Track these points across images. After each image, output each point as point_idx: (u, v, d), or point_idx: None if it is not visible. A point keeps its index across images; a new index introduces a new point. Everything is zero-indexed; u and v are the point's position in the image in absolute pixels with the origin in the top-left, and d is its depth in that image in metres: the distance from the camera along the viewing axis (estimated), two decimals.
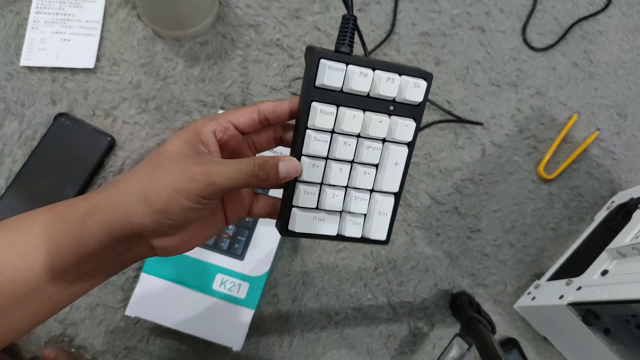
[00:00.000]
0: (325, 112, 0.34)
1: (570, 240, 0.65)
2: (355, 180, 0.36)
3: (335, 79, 0.34)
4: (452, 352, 0.55)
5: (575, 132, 0.68)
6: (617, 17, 0.72)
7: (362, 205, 0.36)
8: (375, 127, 0.35)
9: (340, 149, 0.35)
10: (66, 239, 0.31)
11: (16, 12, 0.63)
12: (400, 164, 0.36)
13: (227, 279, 0.54)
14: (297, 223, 0.35)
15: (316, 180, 0.35)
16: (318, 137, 0.34)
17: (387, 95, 0.35)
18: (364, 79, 0.34)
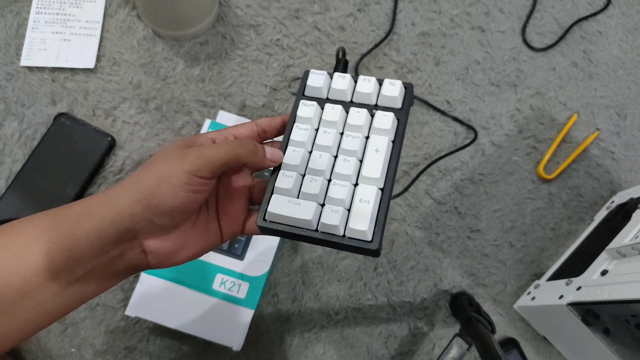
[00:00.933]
0: (307, 105, 0.38)
1: (570, 240, 0.65)
2: (337, 167, 0.36)
3: (318, 81, 0.38)
4: (452, 352, 0.55)
5: (575, 132, 0.68)
6: (617, 17, 0.72)
7: (342, 191, 0.35)
8: (354, 117, 0.37)
9: (320, 137, 0.37)
10: (59, 241, 0.31)
11: (16, 12, 0.63)
12: (381, 150, 0.36)
13: (227, 279, 0.54)
14: (272, 204, 0.35)
15: (295, 163, 0.36)
16: (300, 126, 0.38)
17: (365, 92, 0.38)
18: (342, 80, 0.38)
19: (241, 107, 0.64)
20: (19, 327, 0.31)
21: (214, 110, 0.63)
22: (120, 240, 0.32)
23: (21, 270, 0.31)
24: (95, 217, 0.31)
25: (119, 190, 0.32)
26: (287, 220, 0.35)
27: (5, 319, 0.31)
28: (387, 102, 0.38)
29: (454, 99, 0.67)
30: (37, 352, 0.56)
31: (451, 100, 0.67)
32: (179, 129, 0.62)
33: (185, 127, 0.62)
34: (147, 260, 0.34)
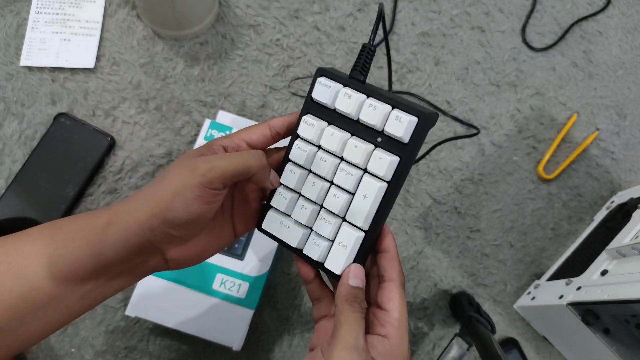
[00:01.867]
0: (308, 123, 0.35)
1: (570, 240, 0.65)
2: (327, 201, 0.35)
3: (324, 95, 0.35)
4: (452, 352, 0.55)
5: (574, 132, 0.68)
6: (617, 17, 0.72)
7: (326, 229, 0.35)
8: (350, 151, 0.34)
9: (316, 164, 0.36)
10: (88, 249, 0.32)
11: (16, 12, 0.63)
12: (369, 197, 0.34)
13: (227, 279, 0.54)
14: (266, 221, 0.37)
15: (290, 185, 0.36)
16: (299, 145, 0.36)
17: (369, 121, 0.34)
18: (347, 100, 0.34)
19: (241, 107, 0.63)
20: (45, 328, 0.33)
21: (213, 110, 0.63)
22: (144, 250, 0.33)
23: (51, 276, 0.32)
24: (121, 227, 0.32)
25: (138, 201, 0.33)
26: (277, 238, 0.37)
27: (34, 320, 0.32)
28: (393, 135, 0.33)
29: (453, 99, 0.67)
30: (37, 352, 0.56)
31: (451, 100, 0.67)
32: (178, 128, 0.62)
33: (185, 127, 0.62)
34: (167, 265, 0.36)
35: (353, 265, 0.35)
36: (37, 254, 0.32)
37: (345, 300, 0.33)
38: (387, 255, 0.36)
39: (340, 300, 0.34)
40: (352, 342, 0.32)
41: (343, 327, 0.32)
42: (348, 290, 0.34)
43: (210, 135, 0.57)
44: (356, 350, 0.31)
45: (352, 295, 0.34)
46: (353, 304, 0.33)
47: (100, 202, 0.59)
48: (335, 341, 0.32)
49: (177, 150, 0.61)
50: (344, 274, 0.35)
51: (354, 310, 0.33)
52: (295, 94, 0.65)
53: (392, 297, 0.34)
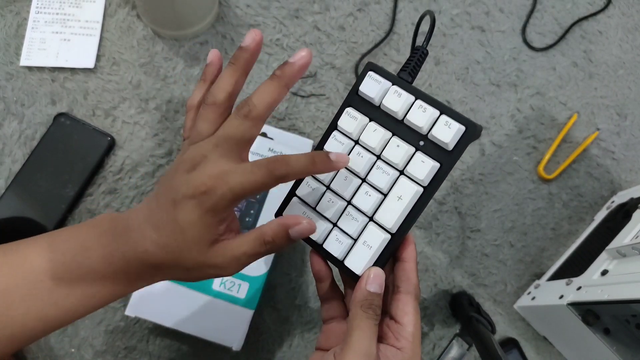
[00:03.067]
0: (351, 115, 0.35)
1: (570, 240, 0.65)
2: (356, 197, 0.35)
3: (372, 90, 0.34)
4: (452, 352, 0.55)
5: (575, 132, 0.68)
6: (617, 17, 0.72)
7: (352, 226, 0.34)
8: (391, 150, 0.34)
9: (353, 158, 0.34)
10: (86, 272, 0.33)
11: (16, 12, 0.63)
12: (404, 199, 0.33)
13: (227, 279, 0.54)
14: (288, 208, 0.36)
15: (321, 176, 0.35)
16: (337, 137, 0.35)
17: (416, 123, 0.33)
18: (397, 99, 0.33)
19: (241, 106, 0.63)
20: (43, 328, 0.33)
21: None
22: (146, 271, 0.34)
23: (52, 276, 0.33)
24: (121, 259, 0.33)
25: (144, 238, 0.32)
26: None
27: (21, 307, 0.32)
28: (438, 141, 0.33)
29: (454, 99, 0.67)
30: (37, 352, 0.56)
31: (451, 100, 0.67)
32: (178, 128, 0.62)
33: None
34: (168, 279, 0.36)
35: (374, 269, 0.34)
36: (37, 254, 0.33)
37: (360, 306, 0.33)
38: (405, 266, 0.35)
39: (355, 305, 0.33)
40: (364, 349, 0.31)
41: (356, 333, 0.32)
42: (364, 296, 0.33)
43: None
44: (368, 357, 0.31)
45: (368, 301, 0.33)
46: (368, 310, 0.32)
47: (100, 202, 0.59)
48: (347, 347, 0.31)
49: (177, 150, 0.61)
50: (363, 277, 0.34)
51: (369, 317, 0.32)
52: (295, 94, 0.64)
53: (407, 311, 0.34)
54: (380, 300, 0.33)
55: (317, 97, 0.65)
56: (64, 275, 0.32)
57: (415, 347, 0.33)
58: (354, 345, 0.31)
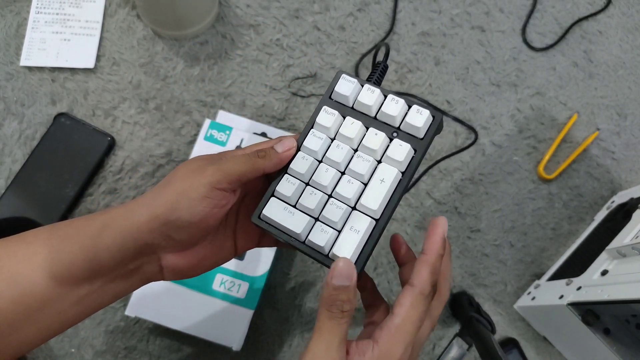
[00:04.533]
0: (328, 112, 0.37)
1: (570, 240, 0.65)
2: (339, 187, 0.35)
3: (347, 89, 0.37)
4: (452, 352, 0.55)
5: (575, 132, 0.68)
6: (617, 17, 0.72)
7: (336, 214, 0.34)
8: (370, 139, 0.36)
9: (332, 151, 0.36)
10: (81, 253, 0.32)
11: (16, 12, 0.63)
12: (386, 182, 0.34)
13: (227, 279, 0.54)
14: (268, 207, 0.35)
15: (300, 171, 0.36)
16: (316, 133, 0.36)
17: (390, 114, 0.36)
18: (370, 94, 0.36)
19: (241, 107, 0.63)
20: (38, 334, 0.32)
21: (213, 110, 0.63)
22: (140, 254, 0.33)
23: (43, 281, 0.31)
24: (117, 231, 0.32)
25: (139, 204, 0.32)
26: (278, 225, 0.35)
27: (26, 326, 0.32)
28: (410, 129, 0.35)
29: (454, 99, 0.67)
30: (37, 352, 0.56)
31: (451, 100, 0.67)
32: (178, 128, 0.62)
33: (185, 127, 0.62)
34: (162, 274, 0.35)
35: (341, 259, 0.32)
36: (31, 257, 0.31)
37: (323, 304, 0.31)
38: (421, 258, 0.33)
39: (320, 304, 0.31)
40: (320, 354, 0.29)
41: (314, 335, 0.30)
42: (328, 292, 0.31)
43: (210, 135, 0.57)
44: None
45: (332, 297, 0.31)
46: (332, 308, 0.30)
47: (100, 202, 0.59)
48: (306, 352, 0.30)
49: (177, 150, 0.61)
50: (329, 273, 0.31)
51: (331, 316, 0.30)
52: (295, 94, 0.64)
53: (403, 303, 0.31)
54: (350, 293, 0.31)
55: (317, 97, 0.65)
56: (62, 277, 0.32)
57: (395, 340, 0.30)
58: (310, 350, 0.30)
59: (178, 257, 0.34)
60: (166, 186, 0.33)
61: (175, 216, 0.31)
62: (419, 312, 0.31)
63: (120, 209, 0.33)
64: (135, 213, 0.32)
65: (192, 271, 0.36)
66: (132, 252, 0.32)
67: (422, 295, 0.32)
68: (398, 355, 0.30)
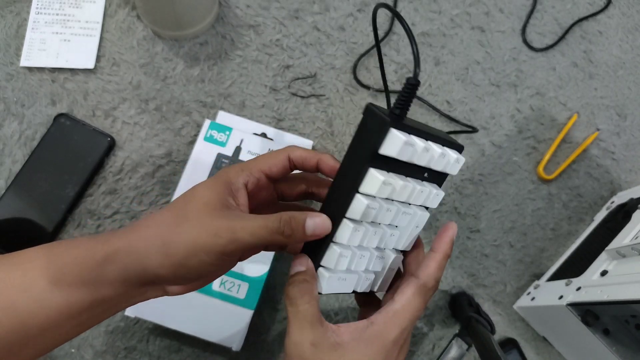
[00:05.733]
0: (387, 183, 0.32)
1: (569, 240, 0.65)
2: (383, 242, 0.35)
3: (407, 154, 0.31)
4: (451, 352, 0.55)
5: (575, 132, 0.68)
6: (617, 17, 0.72)
7: (379, 264, 0.36)
8: (417, 197, 0.35)
9: (382, 215, 0.33)
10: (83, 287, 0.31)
11: (16, 13, 0.63)
12: (420, 226, 0.37)
13: (227, 279, 0.54)
14: (326, 286, 0.33)
15: (353, 244, 0.33)
16: (371, 204, 0.32)
17: (435, 169, 0.35)
18: (425, 154, 0.33)
19: (241, 107, 0.64)
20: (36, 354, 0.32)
21: (213, 111, 0.63)
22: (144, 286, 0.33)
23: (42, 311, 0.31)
24: (120, 266, 0.31)
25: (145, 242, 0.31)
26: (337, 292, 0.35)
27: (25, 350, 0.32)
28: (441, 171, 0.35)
29: (454, 99, 0.67)
30: None
31: (451, 100, 0.67)
32: (178, 129, 0.62)
33: (185, 127, 0.62)
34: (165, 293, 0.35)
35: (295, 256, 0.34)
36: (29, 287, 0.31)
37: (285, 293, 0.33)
38: (430, 255, 0.35)
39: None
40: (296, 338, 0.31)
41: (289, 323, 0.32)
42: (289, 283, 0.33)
43: (210, 135, 0.57)
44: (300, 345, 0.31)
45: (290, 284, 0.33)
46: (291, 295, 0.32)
47: (100, 203, 0.59)
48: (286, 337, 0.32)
49: (177, 150, 0.61)
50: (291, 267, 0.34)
51: (290, 303, 0.32)
52: (295, 95, 0.65)
53: (405, 292, 0.33)
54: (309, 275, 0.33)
55: (316, 98, 0.65)
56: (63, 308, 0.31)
57: (391, 323, 0.32)
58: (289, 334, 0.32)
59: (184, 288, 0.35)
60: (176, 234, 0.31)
61: (183, 272, 0.31)
62: (419, 302, 0.33)
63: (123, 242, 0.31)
64: (142, 255, 0.31)
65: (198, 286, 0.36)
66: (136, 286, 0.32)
67: (425, 287, 0.33)
68: (392, 337, 0.32)
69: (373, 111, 0.32)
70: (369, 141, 0.31)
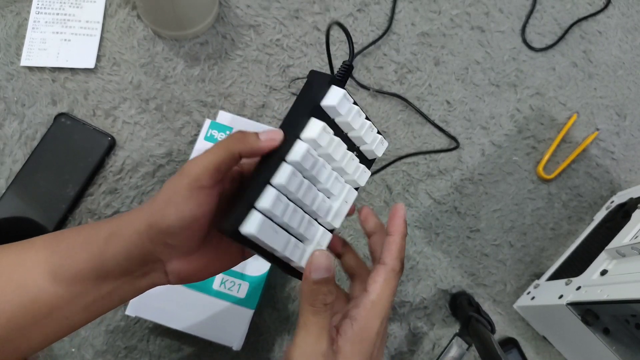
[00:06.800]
0: (327, 131, 0.34)
1: (569, 240, 0.65)
2: (315, 205, 0.35)
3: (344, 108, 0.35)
4: (451, 351, 0.55)
5: (574, 132, 0.68)
6: (617, 17, 0.72)
7: (311, 231, 0.35)
8: (348, 164, 0.37)
9: (319, 170, 0.34)
10: (89, 261, 0.32)
11: (16, 13, 0.63)
12: (349, 202, 0.37)
13: (227, 279, 0.54)
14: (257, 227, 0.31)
15: (291, 189, 0.33)
16: (311, 151, 0.34)
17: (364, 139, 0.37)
18: (358, 118, 0.37)
19: (241, 107, 0.64)
20: (44, 338, 0.33)
21: (214, 110, 0.63)
22: (145, 261, 0.33)
23: (52, 287, 0.32)
24: (122, 239, 0.32)
25: (139, 212, 0.33)
26: (261, 242, 0.33)
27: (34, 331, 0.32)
28: (368, 153, 0.39)
29: (453, 99, 0.67)
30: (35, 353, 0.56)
31: (451, 100, 0.67)
32: (179, 129, 0.62)
33: (185, 127, 0.62)
34: (167, 279, 0.35)
35: (316, 252, 0.32)
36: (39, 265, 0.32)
37: (305, 300, 0.31)
38: (389, 239, 0.36)
39: (301, 300, 0.32)
40: (309, 349, 0.30)
41: (302, 332, 0.31)
42: (310, 287, 0.31)
43: (210, 135, 0.57)
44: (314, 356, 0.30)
45: (313, 292, 0.31)
46: (315, 302, 0.31)
47: (100, 202, 0.59)
48: (294, 347, 0.31)
49: (177, 150, 0.62)
50: (306, 267, 0.32)
51: (315, 311, 0.31)
52: (295, 94, 0.65)
53: (376, 280, 0.34)
54: (330, 284, 0.32)
55: None
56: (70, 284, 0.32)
57: (371, 315, 0.32)
58: (298, 346, 0.31)
59: (182, 263, 0.35)
60: (158, 194, 0.32)
61: (166, 224, 0.31)
62: (392, 287, 0.34)
63: (125, 216, 0.33)
64: (135, 221, 0.32)
65: (198, 275, 0.36)
66: (138, 260, 0.33)
67: (394, 272, 0.34)
68: (376, 329, 0.33)
69: (317, 72, 0.36)
70: (311, 96, 0.35)
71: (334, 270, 0.32)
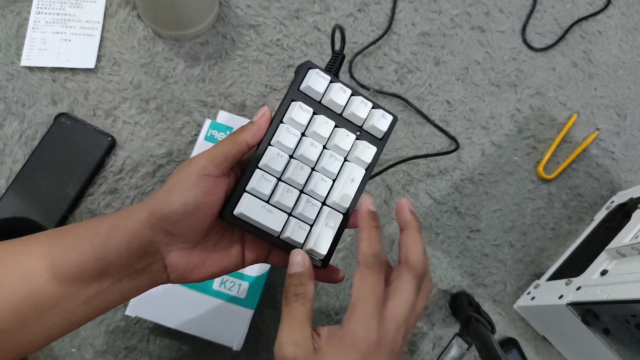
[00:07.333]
0: (304, 109, 0.36)
1: (569, 240, 0.65)
2: (312, 184, 0.36)
3: (319, 85, 0.37)
4: (451, 351, 0.55)
5: (574, 132, 0.68)
6: (617, 17, 0.72)
7: (312, 211, 0.36)
8: (341, 139, 0.37)
9: (306, 148, 0.36)
10: (92, 252, 0.33)
11: (17, 12, 0.63)
12: (356, 181, 0.37)
13: (227, 279, 0.54)
14: (245, 206, 0.34)
15: (277, 168, 0.35)
16: (290, 129, 0.36)
17: (358, 115, 0.37)
18: (342, 94, 0.37)
19: (241, 107, 0.64)
20: (46, 333, 0.33)
21: (214, 110, 0.63)
22: (145, 253, 0.33)
23: (55, 279, 0.32)
24: (124, 230, 0.33)
25: (142, 204, 0.34)
26: (255, 223, 0.35)
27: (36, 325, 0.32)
28: (373, 130, 0.38)
29: (454, 99, 0.67)
30: (37, 352, 0.56)
31: (451, 100, 0.67)
32: (179, 129, 0.62)
33: (185, 127, 0.62)
34: (167, 275, 0.36)
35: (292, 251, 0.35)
36: (43, 256, 0.32)
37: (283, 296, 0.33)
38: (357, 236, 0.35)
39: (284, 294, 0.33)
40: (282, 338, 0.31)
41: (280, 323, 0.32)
42: (286, 282, 0.33)
43: (210, 135, 0.57)
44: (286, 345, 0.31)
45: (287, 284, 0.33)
46: (287, 294, 0.33)
47: (100, 202, 0.59)
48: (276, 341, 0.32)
49: (177, 150, 0.62)
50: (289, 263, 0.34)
51: (287, 302, 0.32)
52: None
53: (353, 281, 0.32)
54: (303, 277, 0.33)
55: None
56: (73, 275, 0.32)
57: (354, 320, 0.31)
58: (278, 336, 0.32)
59: (181, 256, 0.35)
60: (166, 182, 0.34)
61: (169, 209, 0.32)
62: (369, 285, 0.32)
63: (129, 209, 0.34)
64: (138, 212, 0.33)
65: (197, 273, 0.36)
66: (138, 251, 0.33)
67: (367, 268, 0.32)
68: (361, 334, 0.30)
69: (301, 64, 0.38)
70: (293, 84, 0.37)
71: (309, 266, 0.34)
